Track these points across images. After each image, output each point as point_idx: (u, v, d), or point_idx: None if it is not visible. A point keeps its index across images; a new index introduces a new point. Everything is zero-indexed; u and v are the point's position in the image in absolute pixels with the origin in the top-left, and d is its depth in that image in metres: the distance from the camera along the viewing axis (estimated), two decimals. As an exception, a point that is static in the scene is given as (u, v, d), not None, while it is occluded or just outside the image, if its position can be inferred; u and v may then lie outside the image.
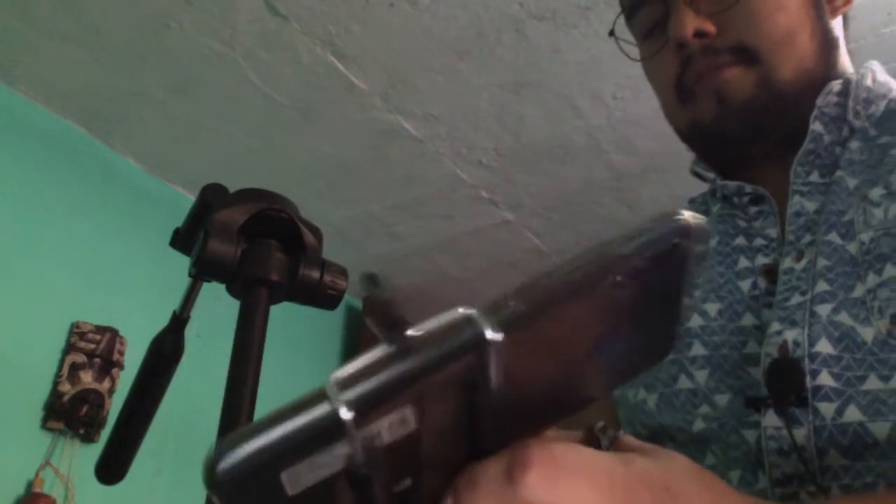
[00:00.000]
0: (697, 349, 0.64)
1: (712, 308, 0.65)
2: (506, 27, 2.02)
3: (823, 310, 0.58)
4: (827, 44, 0.70)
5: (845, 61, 0.73)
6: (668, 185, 2.58)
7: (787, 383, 0.56)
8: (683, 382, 0.64)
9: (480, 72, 2.16)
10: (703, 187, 0.80)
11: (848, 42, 0.75)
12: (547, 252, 2.98)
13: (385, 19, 1.99)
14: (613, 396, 0.74)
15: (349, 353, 3.24)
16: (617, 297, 0.31)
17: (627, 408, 0.70)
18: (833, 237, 0.61)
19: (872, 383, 0.54)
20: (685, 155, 0.79)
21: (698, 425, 0.61)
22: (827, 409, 0.55)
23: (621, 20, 0.79)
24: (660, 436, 0.65)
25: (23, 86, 2.21)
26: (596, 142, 2.44)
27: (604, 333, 0.33)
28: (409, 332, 0.29)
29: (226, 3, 1.93)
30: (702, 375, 0.63)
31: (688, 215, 0.32)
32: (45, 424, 2.04)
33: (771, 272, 0.64)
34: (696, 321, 0.66)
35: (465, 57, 2.11)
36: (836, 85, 0.68)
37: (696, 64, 0.68)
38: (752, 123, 0.68)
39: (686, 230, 0.31)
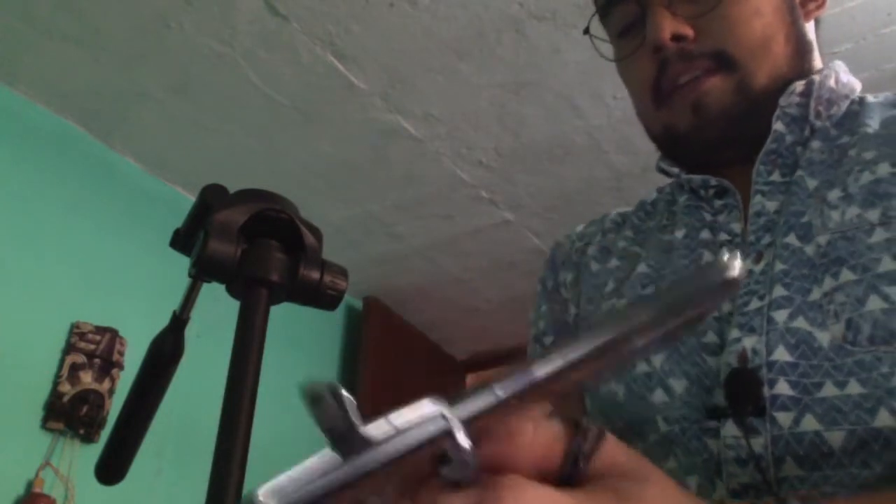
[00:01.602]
0: None
1: None
2: (506, 27, 2.02)
3: (780, 316, 0.58)
4: (801, 48, 0.71)
5: (818, 65, 0.73)
6: (668, 185, 2.58)
7: (745, 393, 0.56)
8: (641, 367, 0.64)
9: (480, 72, 2.16)
10: None
11: (821, 46, 0.75)
12: (547, 252, 2.98)
13: (385, 19, 1.99)
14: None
15: (349, 353, 3.24)
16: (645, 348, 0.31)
17: (598, 400, 0.70)
18: (791, 239, 0.61)
19: (828, 390, 0.54)
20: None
21: (662, 427, 0.61)
22: (784, 418, 0.55)
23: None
24: (629, 433, 0.65)
25: (23, 86, 2.21)
26: (596, 142, 2.44)
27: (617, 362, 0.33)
28: (378, 428, 0.28)
29: (226, 3, 1.93)
30: (658, 359, 0.63)
31: (738, 269, 0.30)
32: (45, 424, 2.04)
33: None
34: None
35: (465, 57, 2.11)
36: (798, 85, 0.68)
37: (673, 68, 0.68)
38: (727, 131, 0.68)
39: (735, 287, 0.31)
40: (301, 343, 2.95)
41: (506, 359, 3.67)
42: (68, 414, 2.04)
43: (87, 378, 2.10)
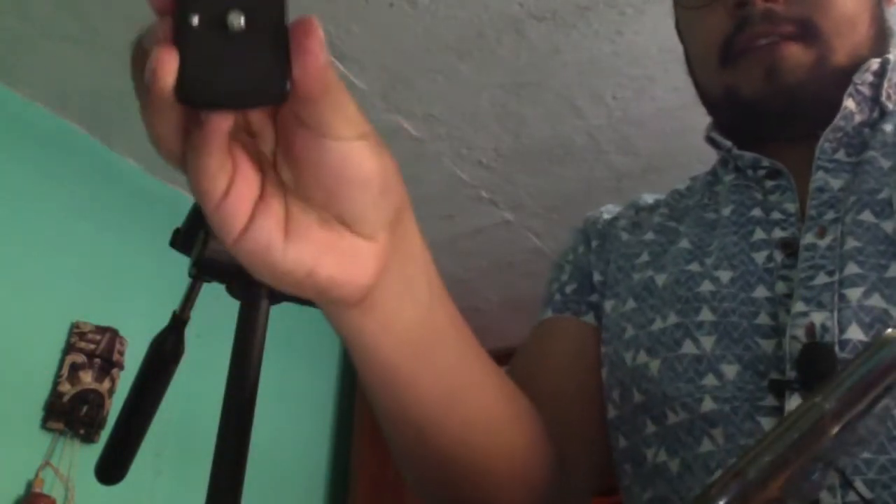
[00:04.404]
0: (706, 314, 0.61)
1: (725, 276, 0.62)
2: (506, 27, 2.02)
3: (854, 294, 0.55)
4: (882, 33, 0.69)
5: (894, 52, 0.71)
6: (669, 185, 2.54)
7: (817, 370, 0.53)
8: (688, 347, 0.61)
9: (480, 72, 2.16)
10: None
11: None
12: (547, 252, 2.98)
13: (385, 19, 1.99)
14: (601, 355, 0.69)
15: (348, 354, 3.24)
16: None
17: (623, 370, 0.66)
18: (866, 216, 0.58)
19: None
20: (685, 155, 0.78)
21: (707, 405, 0.58)
22: None
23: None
24: (658, 404, 0.62)
25: (23, 86, 2.21)
26: (596, 142, 2.44)
27: None
28: None
29: (226, 3, 1.93)
30: (708, 342, 0.60)
31: None
32: (45, 424, 2.04)
33: (789, 246, 0.61)
34: (706, 286, 0.63)
35: (465, 57, 2.11)
36: (873, 64, 0.66)
37: (754, 27, 0.64)
38: (795, 106, 0.65)
39: None
40: (300, 343, 2.95)
41: (506, 359, 3.66)
42: (68, 414, 2.04)
43: (87, 378, 2.10)
